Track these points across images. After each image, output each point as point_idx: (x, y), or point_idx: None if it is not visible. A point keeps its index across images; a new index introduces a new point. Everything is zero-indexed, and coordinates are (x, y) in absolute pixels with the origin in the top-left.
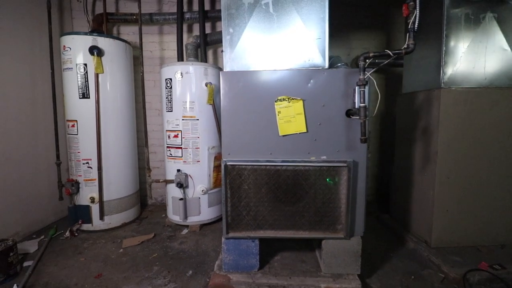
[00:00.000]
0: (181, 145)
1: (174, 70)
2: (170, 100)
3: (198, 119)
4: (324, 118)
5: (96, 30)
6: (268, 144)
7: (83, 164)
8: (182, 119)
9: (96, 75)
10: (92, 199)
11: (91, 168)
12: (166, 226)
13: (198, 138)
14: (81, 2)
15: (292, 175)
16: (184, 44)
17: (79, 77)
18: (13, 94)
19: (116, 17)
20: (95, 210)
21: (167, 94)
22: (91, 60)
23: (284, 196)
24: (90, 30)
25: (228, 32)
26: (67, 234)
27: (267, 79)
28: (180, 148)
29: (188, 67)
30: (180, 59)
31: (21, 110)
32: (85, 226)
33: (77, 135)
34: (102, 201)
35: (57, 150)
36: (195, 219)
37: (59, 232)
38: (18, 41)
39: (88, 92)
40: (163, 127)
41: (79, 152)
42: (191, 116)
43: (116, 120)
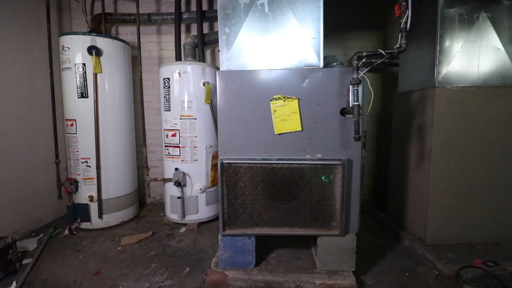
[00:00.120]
0: (179, 144)
1: (172, 69)
2: (168, 100)
3: (196, 118)
4: (319, 116)
5: (94, 30)
6: (264, 143)
7: (82, 163)
8: (180, 118)
9: (95, 75)
10: (90, 198)
11: (89, 167)
12: (164, 224)
13: (196, 137)
14: (79, 2)
15: (288, 173)
16: (182, 44)
17: (77, 76)
18: (12, 94)
19: (115, 17)
20: (93, 208)
21: (165, 94)
22: (89, 60)
23: (279, 193)
24: (88, 30)
25: (224, 32)
26: (66, 233)
27: (262, 78)
28: (178, 147)
29: (186, 67)
30: (178, 59)
31: (20, 110)
32: (84, 225)
33: (76, 134)
34: (100, 199)
35: (56, 149)
36: (193, 217)
37: (58, 231)
38: (17, 41)
39: (87, 92)
40: (161, 126)
41: (78, 151)
42: (189, 116)
43: (114, 119)
